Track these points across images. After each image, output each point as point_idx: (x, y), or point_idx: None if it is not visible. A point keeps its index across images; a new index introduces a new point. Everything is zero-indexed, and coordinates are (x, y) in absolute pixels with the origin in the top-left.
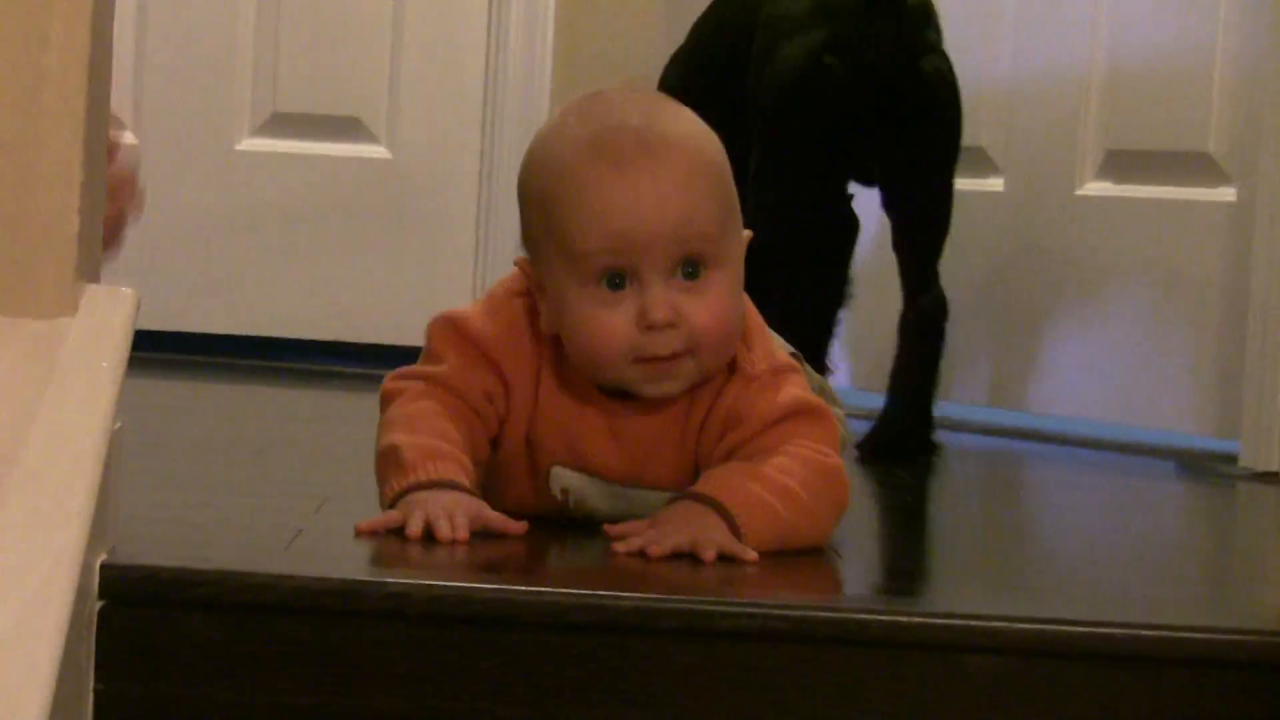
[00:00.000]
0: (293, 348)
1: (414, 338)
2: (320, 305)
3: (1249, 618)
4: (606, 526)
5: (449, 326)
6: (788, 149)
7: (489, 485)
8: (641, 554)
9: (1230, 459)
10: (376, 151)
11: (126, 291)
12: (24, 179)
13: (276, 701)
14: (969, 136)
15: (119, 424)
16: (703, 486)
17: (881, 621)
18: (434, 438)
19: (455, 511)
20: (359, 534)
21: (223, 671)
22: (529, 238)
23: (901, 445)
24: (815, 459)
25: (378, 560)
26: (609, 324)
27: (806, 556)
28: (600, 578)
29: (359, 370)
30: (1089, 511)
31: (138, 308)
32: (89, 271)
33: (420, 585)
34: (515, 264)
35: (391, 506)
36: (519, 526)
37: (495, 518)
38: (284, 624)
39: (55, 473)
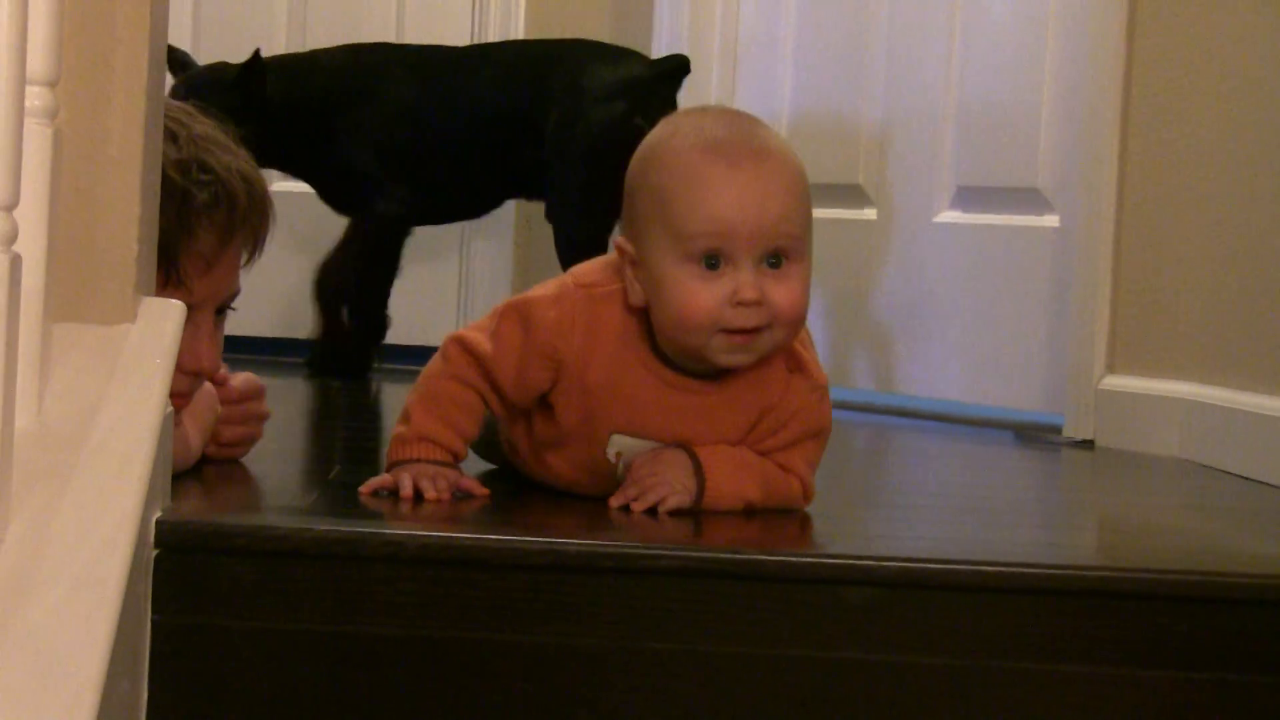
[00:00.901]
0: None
1: (411, 338)
2: None
3: (1069, 556)
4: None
5: (516, 312)
6: (609, 186)
7: (547, 445)
8: (626, 509)
9: (1055, 429)
10: None
11: (175, 303)
12: (93, 215)
13: (297, 629)
14: (849, 175)
15: (169, 409)
16: (706, 458)
17: (776, 560)
18: (438, 423)
19: (437, 477)
20: (361, 495)
21: (254, 605)
22: (635, 221)
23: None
24: (797, 493)
25: (377, 515)
26: (703, 297)
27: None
28: (554, 528)
29: None
30: (943, 471)
31: (184, 316)
32: (145, 286)
33: (411, 535)
34: (615, 244)
35: (389, 469)
36: (484, 490)
37: (468, 483)
38: (303, 566)
39: (118, 447)
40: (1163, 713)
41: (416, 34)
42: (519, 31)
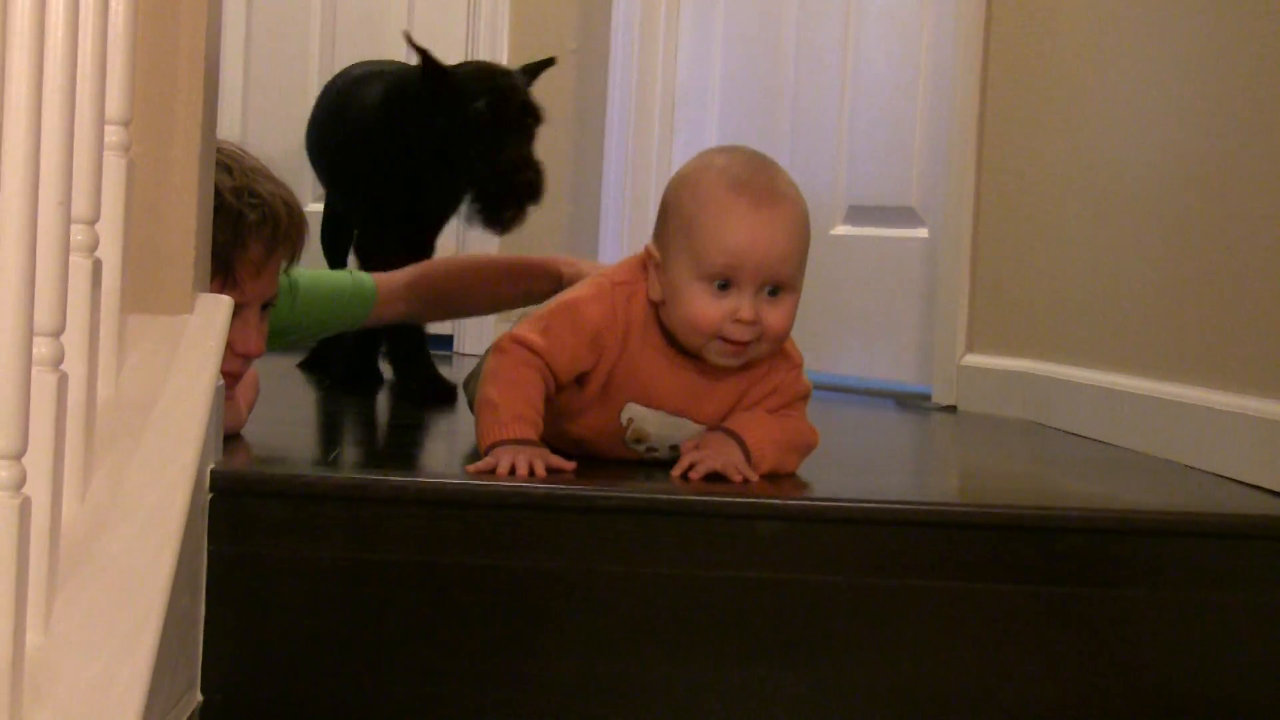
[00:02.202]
0: None
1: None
2: None
3: (935, 495)
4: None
5: (567, 311)
6: None
7: (570, 413)
8: (685, 475)
9: (926, 397)
10: None
11: (224, 298)
12: (158, 227)
13: (323, 555)
14: None
15: (220, 382)
16: (734, 425)
17: (702, 500)
18: (522, 403)
19: (533, 458)
20: (470, 474)
21: (288, 537)
22: (664, 235)
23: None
24: (804, 433)
25: (384, 466)
26: (711, 311)
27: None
28: (524, 476)
29: None
30: (838, 430)
31: (232, 308)
32: (200, 284)
33: (411, 481)
34: (645, 247)
35: (486, 451)
36: (571, 465)
37: (555, 460)
38: (327, 507)
39: (180, 413)
40: (1007, 617)
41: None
42: (505, 44)
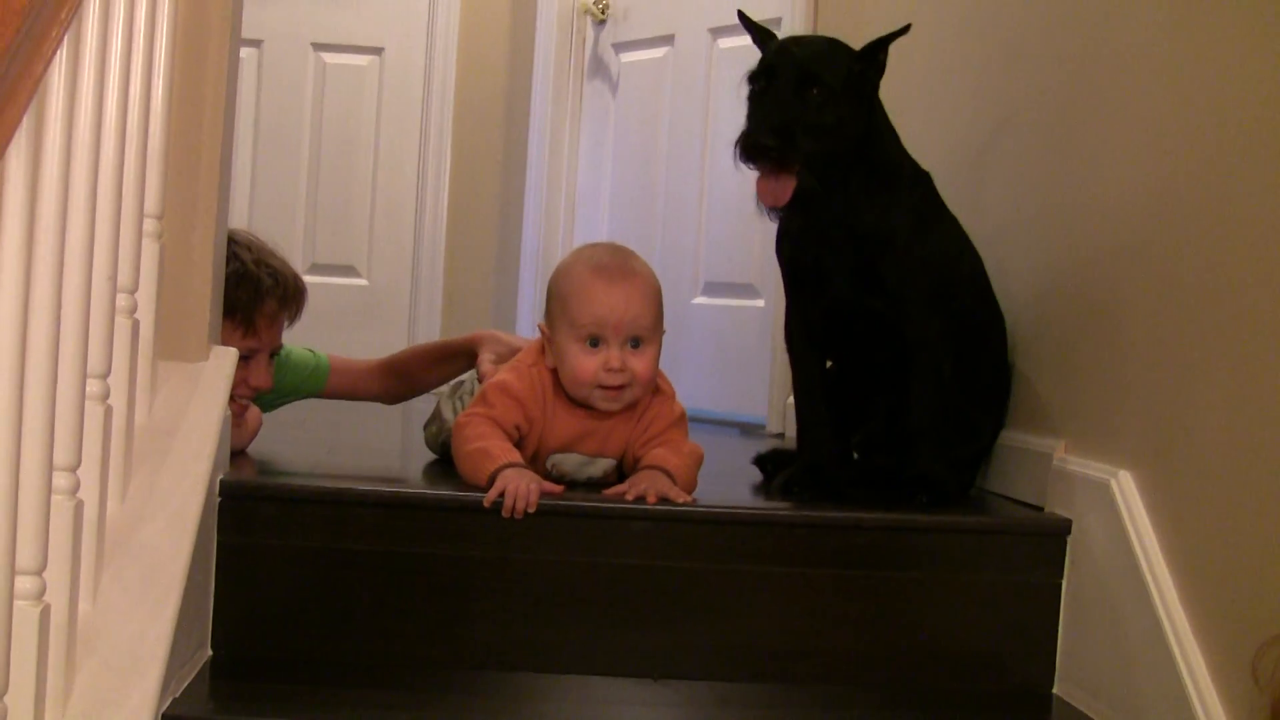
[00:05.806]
0: None
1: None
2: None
3: (767, 503)
4: (608, 490)
5: (502, 388)
6: None
7: None
8: (639, 500)
9: (762, 427)
10: (361, 283)
11: (231, 350)
12: (182, 294)
13: (306, 545)
14: None
15: (228, 413)
16: (655, 462)
17: (589, 505)
18: (504, 441)
19: (531, 484)
20: (486, 505)
21: (280, 531)
22: (551, 314)
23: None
24: (695, 450)
25: (355, 478)
26: (588, 364)
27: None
28: (457, 487)
29: None
30: None
31: (237, 357)
32: (213, 339)
33: (374, 490)
34: (539, 326)
35: (489, 481)
36: (559, 489)
37: (548, 486)
38: (310, 508)
39: (196, 437)
40: (819, 591)
41: (383, 224)
42: (441, 229)
